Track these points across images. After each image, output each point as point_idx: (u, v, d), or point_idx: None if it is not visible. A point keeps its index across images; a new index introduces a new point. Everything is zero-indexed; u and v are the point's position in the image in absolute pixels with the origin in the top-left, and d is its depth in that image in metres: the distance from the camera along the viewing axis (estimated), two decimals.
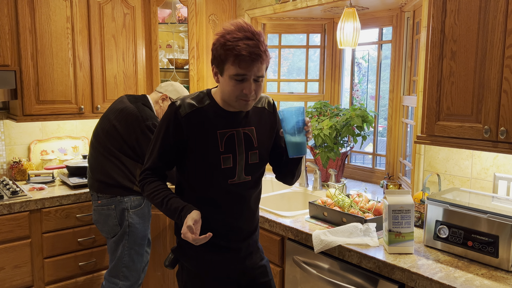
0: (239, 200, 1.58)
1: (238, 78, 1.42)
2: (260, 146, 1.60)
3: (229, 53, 1.39)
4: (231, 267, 1.62)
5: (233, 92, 1.44)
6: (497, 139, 1.58)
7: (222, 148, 1.52)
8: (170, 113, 1.52)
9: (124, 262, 2.33)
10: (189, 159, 1.53)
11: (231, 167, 1.53)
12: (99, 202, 2.33)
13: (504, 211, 1.60)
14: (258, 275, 1.69)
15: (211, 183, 1.54)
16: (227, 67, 1.42)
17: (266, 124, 1.64)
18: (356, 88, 3.34)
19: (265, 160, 1.64)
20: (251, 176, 1.58)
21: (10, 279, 2.46)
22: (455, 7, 1.69)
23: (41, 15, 2.69)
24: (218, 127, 1.52)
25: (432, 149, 2.23)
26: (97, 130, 2.39)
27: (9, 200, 2.45)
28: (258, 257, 1.71)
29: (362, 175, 3.09)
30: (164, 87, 2.55)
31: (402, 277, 1.59)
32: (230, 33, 1.41)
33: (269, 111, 1.66)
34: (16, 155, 3.03)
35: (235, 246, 1.61)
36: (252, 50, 1.39)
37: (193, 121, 1.51)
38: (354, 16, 2.18)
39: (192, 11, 3.12)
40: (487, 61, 1.59)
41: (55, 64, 2.78)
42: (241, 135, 1.55)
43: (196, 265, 1.60)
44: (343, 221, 2.01)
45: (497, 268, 1.58)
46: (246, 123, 1.58)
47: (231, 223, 1.58)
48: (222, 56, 1.41)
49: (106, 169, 2.30)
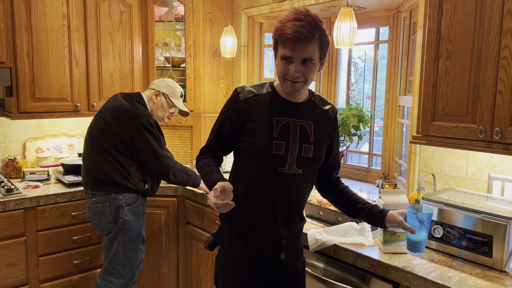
0: (288, 192, 1.56)
1: (285, 59, 1.44)
2: (316, 142, 1.58)
3: (278, 34, 1.43)
4: (264, 261, 1.60)
5: (281, 73, 1.47)
6: (491, 139, 1.59)
7: (276, 134, 1.51)
8: (231, 98, 1.59)
9: (119, 259, 2.33)
10: (244, 143, 1.55)
11: (283, 154, 1.52)
12: (94, 199, 2.32)
13: (498, 211, 1.60)
14: (289, 274, 1.65)
15: (262, 168, 1.53)
16: (279, 50, 1.46)
17: (325, 127, 1.63)
18: (352, 87, 3.35)
19: (319, 159, 1.62)
20: (302, 169, 1.55)
21: (4, 277, 2.45)
22: (451, 8, 1.69)
23: (37, 12, 2.68)
24: (275, 114, 1.53)
25: (427, 149, 2.23)
26: (91, 128, 2.39)
27: (3, 198, 2.44)
28: (295, 256, 1.66)
29: (358, 174, 3.10)
30: (156, 84, 2.55)
31: (397, 277, 1.60)
32: (283, 18, 1.44)
33: (331, 118, 1.66)
34: (11, 153, 3.01)
35: (272, 241, 1.59)
36: (297, 29, 1.38)
37: (251, 106, 1.54)
38: (351, 15, 2.18)
39: (189, 10, 3.12)
40: (483, 62, 1.60)
41: (51, 61, 2.76)
42: (297, 126, 1.55)
43: (230, 252, 1.62)
44: (338, 220, 2.01)
45: (491, 268, 1.59)
46: (305, 116, 1.57)
47: (275, 214, 1.56)
48: (274, 38, 1.46)
49: (100, 166, 2.30)
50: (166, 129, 3.23)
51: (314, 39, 1.41)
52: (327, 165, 1.71)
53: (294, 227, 1.62)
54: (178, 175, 2.42)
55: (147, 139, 2.29)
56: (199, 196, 2.67)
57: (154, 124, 2.34)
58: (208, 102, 3.29)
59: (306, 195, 1.64)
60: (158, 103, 2.51)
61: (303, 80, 1.47)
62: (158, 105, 2.51)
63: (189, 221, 2.83)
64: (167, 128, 3.24)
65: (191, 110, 3.21)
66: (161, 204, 2.86)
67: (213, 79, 3.32)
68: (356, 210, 1.69)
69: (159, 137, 2.35)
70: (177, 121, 3.22)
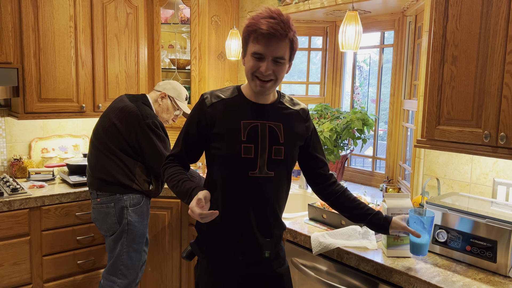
0: (261, 196, 1.53)
1: (256, 56, 1.42)
2: (286, 143, 1.55)
3: (251, 29, 1.42)
4: (243, 271, 1.57)
5: (250, 69, 1.45)
6: (497, 144, 1.59)
7: (244, 138, 1.50)
8: (197, 103, 1.57)
9: (123, 260, 2.33)
10: (213, 149, 1.54)
11: (252, 157, 1.50)
12: (98, 200, 2.33)
13: (503, 216, 1.60)
14: (271, 283, 1.62)
15: (232, 173, 1.51)
16: (250, 46, 1.44)
17: (297, 128, 1.61)
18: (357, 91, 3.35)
19: (292, 160, 1.59)
20: (274, 172, 1.53)
21: (8, 276, 2.47)
22: (457, 12, 1.70)
23: (44, 13, 2.70)
24: (242, 118, 1.52)
25: (432, 154, 2.23)
26: (97, 129, 2.40)
27: (9, 197, 2.46)
28: (276, 263, 1.63)
29: (361, 178, 3.10)
30: (162, 86, 2.56)
31: (400, 281, 1.60)
32: (257, 14, 1.44)
33: (302, 117, 1.64)
34: (17, 153, 3.03)
35: (251, 248, 1.56)
36: (271, 26, 1.38)
37: (218, 111, 1.53)
38: (356, 19, 2.19)
39: (194, 12, 3.13)
40: (488, 67, 1.60)
41: (57, 62, 2.79)
42: (265, 128, 1.53)
43: (209, 262, 1.59)
44: (342, 223, 2.01)
45: (495, 273, 1.58)
46: (273, 117, 1.56)
47: (250, 220, 1.53)
48: (245, 35, 1.45)
49: (105, 167, 2.31)
50: (171, 131, 3.23)
51: (287, 38, 1.42)
52: (311, 164, 1.69)
53: (272, 233, 1.59)
54: None
55: (152, 140, 2.30)
56: None
57: (159, 125, 2.35)
58: None
59: (281, 199, 1.61)
60: (164, 106, 2.52)
61: (273, 79, 1.46)
62: (163, 107, 2.52)
63: (193, 222, 2.83)
64: (172, 130, 3.25)
65: None
66: (165, 206, 2.86)
67: (218, 82, 3.33)
68: (359, 216, 1.66)
69: (164, 138, 2.36)
70: (183, 123, 3.23)
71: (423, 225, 1.59)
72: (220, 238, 1.56)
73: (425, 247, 1.62)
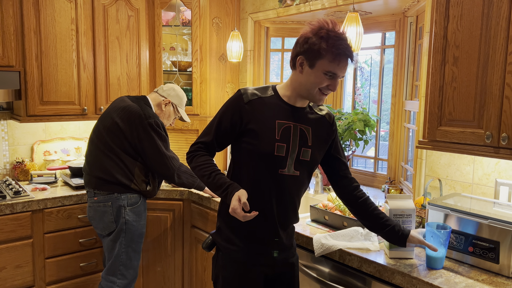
0: (285, 193, 1.61)
1: (330, 74, 1.50)
2: (314, 146, 1.64)
3: (331, 50, 1.45)
4: (262, 259, 1.66)
5: (318, 84, 1.52)
6: (498, 145, 1.58)
7: (278, 137, 1.57)
8: (234, 98, 1.62)
9: (122, 260, 2.34)
10: (246, 143, 1.59)
11: (283, 156, 1.57)
12: (95, 198, 2.34)
13: (505, 217, 1.60)
14: (284, 271, 1.72)
15: (263, 169, 1.58)
16: (323, 62, 1.48)
17: (323, 132, 1.69)
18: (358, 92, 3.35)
19: (316, 162, 1.68)
20: (299, 171, 1.62)
21: (11, 278, 2.47)
22: (458, 13, 1.69)
23: (46, 17, 2.71)
24: (278, 117, 1.59)
25: (433, 154, 2.23)
26: (98, 127, 2.41)
27: (11, 200, 2.46)
28: (290, 253, 1.73)
29: (363, 179, 3.09)
30: (166, 91, 2.56)
31: (402, 282, 1.59)
32: (331, 30, 1.47)
33: (329, 122, 1.72)
34: (19, 155, 3.04)
35: (271, 239, 1.64)
36: (348, 49, 1.48)
37: (255, 108, 1.59)
38: (357, 20, 2.19)
39: (196, 14, 3.14)
40: (489, 67, 1.60)
41: (59, 65, 2.79)
42: (297, 129, 1.61)
43: (230, 251, 1.65)
44: (344, 225, 2.01)
45: (498, 274, 1.58)
46: (304, 121, 1.64)
47: (273, 214, 1.61)
48: (322, 50, 1.46)
49: (105, 165, 2.32)
50: (172, 133, 3.24)
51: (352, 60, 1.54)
52: (334, 165, 1.77)
53: (289, 225, 1.71)
54: (183, 176, 2.45)
55: (153, 139, 2.31)
56: (205, 199, 2.68)
57: (161, 125, 2.38)
58: (214, 106, 3.30)
59: (301, 195, 1.72)
60: (166, 112, 2.55)
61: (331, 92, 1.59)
62: (166, 113, 2.55)
63: (195, 224, 2.84)
64: (173, 132, 3.25)
65: (197, 114, 3.22)
66: (167, 208, 2.87)
67: (219, 83, 3.33)
68: (378, 226, 1.71)
69: (165, 138, 2.39)
70: (183, 125, 3.24)
71: (440, 239, 1.60)
72: (244, 228, 1.61)
73: (441, 261, 1.63)
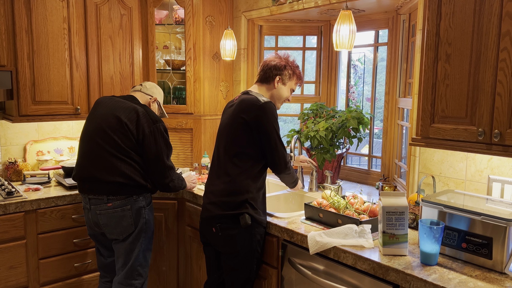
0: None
1: (293, 91, 2.32)
2: None
3: (297, 75, 2.28)
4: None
5: (286, 97, 2.29)
6: (491, 141, 1.60)
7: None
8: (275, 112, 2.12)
9: (139, 260, 2.32)
10: None
11: None
12: (110, 205, 2.23)
13: (498, 213, 1.61)
14: None
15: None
16: (292, 82, 2.28)
17: None
18: (352, 90, 3.36)
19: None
20: None
21: (5, 280, 2.46)
22: (450, 10, 1.70)
23: (38, 16, 2.69)
24: None
25: (427, 151, 2.24)
26: (100, 130, 2.28)
27: (4, 200, 2.44)
28: None
29: (357, 176, 3.10)
30: (150, 89, 2.54)
31: (397, 279, 1.60)
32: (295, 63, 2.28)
33: None
34: (11, 156, 3.02)
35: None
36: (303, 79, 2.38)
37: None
38: (350, 18, 2.19)
39: (189, 13, 3.13)
40: (482, 64, 1.61)
41: (52, 64, 2.77)
42: None
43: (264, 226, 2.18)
44: (338, 222, 2.02)
45: (491, 269, 1.59)
46: None
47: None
48: (292, 75, 2.26)
49: (121, 169, 2.22)
50: None
51: None
52: None
53: None
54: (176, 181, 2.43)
55: (160, 146, 2.30)
56: (199, 198, 2.67)
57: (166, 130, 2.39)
58: (208, 104, 3.30)
59: None
60: (153, 110, 2.53)
61: None
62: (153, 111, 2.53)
63: (190, 223, 2.83)
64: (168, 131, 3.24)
65: (191, 113, 3.22)
66: (162, 207, 2.86)
67: (213, 82, 3.32)
68: None
69: (170, 146, 2.39)
70: (178, 124, 3.23)
71: (433, 235, 1.61)
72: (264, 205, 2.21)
73: (435, 257, 1.64)
